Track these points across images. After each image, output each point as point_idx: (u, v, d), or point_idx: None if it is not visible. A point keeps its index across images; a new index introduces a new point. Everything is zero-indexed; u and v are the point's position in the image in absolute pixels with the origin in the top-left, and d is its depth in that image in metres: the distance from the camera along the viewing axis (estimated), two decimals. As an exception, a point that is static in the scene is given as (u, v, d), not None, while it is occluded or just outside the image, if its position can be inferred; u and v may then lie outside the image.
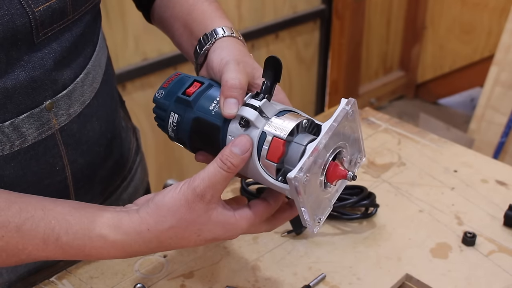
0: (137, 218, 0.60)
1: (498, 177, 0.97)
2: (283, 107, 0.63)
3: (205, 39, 0.72)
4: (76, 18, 0.67)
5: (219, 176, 0.59)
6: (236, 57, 0.67)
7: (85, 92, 0.72)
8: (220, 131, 0.63)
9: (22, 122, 0.65)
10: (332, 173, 0.60)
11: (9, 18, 0.58)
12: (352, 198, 0.86)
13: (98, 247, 0.60)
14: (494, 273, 0.79)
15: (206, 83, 0.66)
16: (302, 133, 0.61)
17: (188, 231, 0.60)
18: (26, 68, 0.62)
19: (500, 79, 2.26)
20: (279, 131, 0.59)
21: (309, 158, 0.57)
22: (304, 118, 0.61)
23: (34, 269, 0.79)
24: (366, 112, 1.16)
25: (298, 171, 0.56)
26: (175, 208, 0.59)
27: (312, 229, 0.61)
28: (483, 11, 2.66)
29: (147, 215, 0.60)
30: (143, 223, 0.60)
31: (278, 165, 0.59)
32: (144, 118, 1.96)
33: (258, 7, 2.25)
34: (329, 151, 0.59)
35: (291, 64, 2.49)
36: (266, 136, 0.60)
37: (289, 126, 0.59)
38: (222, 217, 0.60)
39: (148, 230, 0.59)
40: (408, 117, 2.93)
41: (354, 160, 0.65)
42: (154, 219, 0.59)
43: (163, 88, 0.67)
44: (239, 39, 0.73)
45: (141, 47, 1.91)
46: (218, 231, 0.61)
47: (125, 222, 0.60)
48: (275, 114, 0.61)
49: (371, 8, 2.73)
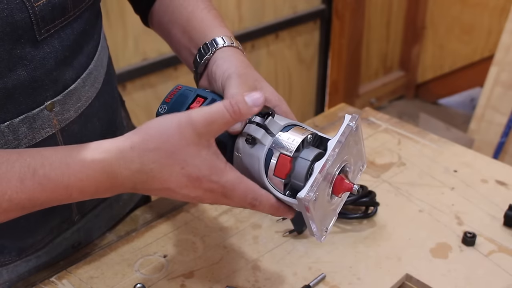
0: (122, 137, 0.58)
1: (498, 177, 0.97)
2: (287, 122, 0.63)
3: (205, 48, 0.72)
4: (77, 14, 0.67)
5: (220, 115, 0.57)
6: (238, 70, 0.67)
7: (86, 92, 0.72)
8: (227, 148, 0.63)
9: (22, 122, 0.65)
10: (339, 186, 0.61)
11: (9, 13, 0.58)
12: (352, 196, 0.86)
13: (77, 171, 0.57)
14: (494, 273, 0.79)
15: (209, 98, 0.66)
16: (307, 148, 0.62)
17: (172, 158, 0.57)
18: (28, 68, 0.62)
19: (500, 79, 2.26)
20: (286, 148, 0.61)
21: (318, 177, 0.58)
22: (309, 133, 0.62)
23: (34, 269, 0.79)
24: (366, 112, 1.16)
25: (308, 191, 0.57)
26: (164, 129, 0.57)
27: (319, 239, 0.63)
28: (483, 11, 2.66)
29: (133, 134, 0.58)
30: (127, 140, 0.57)
31: (285, 181, 0.61)
32: (144, 118, 1.96)
33: (258, 7, 2.25)
34: (336, 166, 0.61)
35: (291, 64, 2.49)
36: (273, 153, 0.61)
37: (295, 142, 0.61)
38: (211, 158, 0.58)
39: (131, 148, 0.57)
40: (408, 117, 2.93)
41: (357, 168, 0.66)
42: (140, 137, 0.57)
43: (166, 103, 0.67)
44: (239, 48, 0.73)
45: (141, 47, 1.91)
46: (204, 170, 0.58)
47: (107, 142, 0.58)
48: (280, 130, 0.62)
49: (371, 8, 2.73)
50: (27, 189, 0.56)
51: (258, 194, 0.61)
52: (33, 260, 0.79)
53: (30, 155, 0.57)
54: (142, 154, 0.57)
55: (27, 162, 0.56)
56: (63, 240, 0.81)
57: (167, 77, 1.99)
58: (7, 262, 0.76)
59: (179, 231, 0.86)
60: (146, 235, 0.85)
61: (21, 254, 0.77)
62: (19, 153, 0.57)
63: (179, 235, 0.85)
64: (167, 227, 0.87)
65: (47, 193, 0.57)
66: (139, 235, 0.85)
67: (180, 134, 0.57)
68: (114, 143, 0.57)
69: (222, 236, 0.85)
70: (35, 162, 0.56)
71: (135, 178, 0.58)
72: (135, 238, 0.85)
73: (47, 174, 0.56)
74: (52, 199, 0.58)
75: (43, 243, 0.79)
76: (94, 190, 0.58)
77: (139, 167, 0.57)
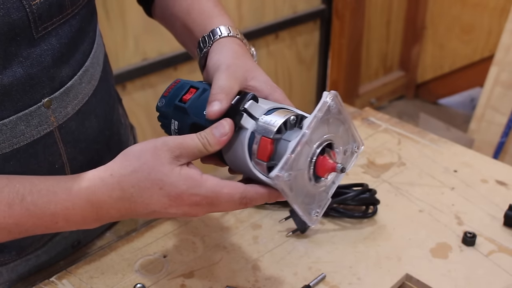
0: (103, 167, 0.60)
1: (498, 177, 0.97)
2: (272, 105, 0.63)
3: (203, 41, 0.72)
4: (75, 12, 0.67)
5: (194, 143, 0.59)
6: (228, 61, 0.67)
7: (83, 89, 0.72)
8: None
9: (20, 120, 0.65)
10: (321, 166, 0.60)
11: (5, 12, 0.58)
12: (352, 192, 0.86)
13: (63, 200, 0.58)
14: (494, 273, 0.79)
15: (201, 88, 0.67)
16: (291, 130, 0.61)
17: (149, 179, 0.58)
18: (24, 65, 0.62)
19: (500, 79, 2.26)
20: (267, 130, 0.60)
21: (290, 155, 0.57)
22: (292, 114, 0.61)
23: (34, 269, 0.79)
24: (366, 112, 1.16)
25: (279, 170, 0.56)
26: (141, 154, 0.58)
27: (310, 223, 0.62)
28: (483, 11, 2.66)
29: (113, 162, 0.59)
30: (107, 169, 0.59)
31: (268, 163, 0.60)
32: (144, 118, 1.96)
33: (258, 7, 2.25)
34: (315, 145, 0.59)
35: (291, 64, 2.49)
36: (255, 136, 0.60)
37: (276, 124, 0.60)
38: (186, 172, 0.59)
39: (111, 175, 0.58)
40: (408, 117, 2.93)
41: (350, 150, 0.64)
42: (118, 164, 0.59)
43: (164, 97, 0.69)
44: (237, 37, 0.72)
45: (141, 47, 1.91)
46: (181, 185, 0.58)
47: (90, 172, 0.60)
48: (263, 113, 0.62)
49: (371, 8, 2.73)
50: (14, 214, 0.58)
51: (244, 191, 0.60)
52: (32, 259, 0.79)
53: (20, 181, 0.59)
54: (121, 179, 0.58)
55: (16, 188, 0.58)
56: (62, 239, 0.81)
57: (167, 77, 1.99)
58: (7, 261, 0.76)
59: (179, 231, 0.86)
60: (146, 235, 0.85)
61: (21, 253, 0.77)
62: (9, 178, 0.59)
63: (179, 235, 0.85)
64: (167, 227, 0.87)
65: (34, 219, 0.59)
66: (139, 235, 0.85)
67: (156, 155, 0.58)
68: (96, 172, 0.60)
69: (222, 236, 0.85)
70: (24, 189, 0.58)
71: (119, 205, 0.59)
72: (135, 238, 0.85)
73: (34, 200, 0.58)
74: (39, 225, 0.60)
75: (43, 241, 0.79)
76: (80, 219, 0.60)
77: (120, 194, 0.58)
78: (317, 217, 0.62)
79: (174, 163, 0.58)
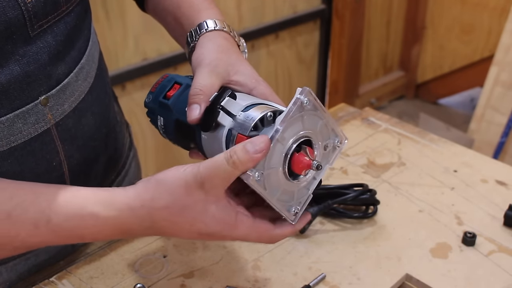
0: (133, 193, 0.58)
1: (498, 177, 0.97)
2: (251, 101, 0.62)
3: (191, 35, 0.72)
4: (70, 9, 0.67)
5: (222, 168, 0.56)
6: (210, 56, 0.67)
7: (79, 86, 0.72)
8: (196, 131, 0.64)
9: (17, 117, 0.65)
10: (296, 164, 0.59)
11: (1, 11, 0.58)
12: (352, 193, 0.86)
13: (91, 226, 0.58)
14: (494, 273, 0.79)
15: (184, 84, 0.67)
16: (268, 126, 0.60)
17: (182, 216, 0.58)
18: (21, 63, 0.62)
19: (500, 79, 2.26)
20: (243, 127, 0.59)
21: None
22: (269, 110, 0.60)
23: (33, 268, 0.79)
24: (366, 112, 1.16)
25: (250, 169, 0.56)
26: (173, 188, 0.57)
27: (290, 220, 0.61)
28: (483, 11, 2.66)
29: (144, 190, 0.58)
30: (137, 198, 0.58)
31: None
32: (144, 118, 1.94)
33: (258, 7, 2.25)
34: (289, 142, 0.58)
35: (291, 64, 2.49)
36: (231, 133, 0.60)
37: (251, 121, 0.59)
38: (220, 214, 0.58)
39: (142, 206, 0.58)
40: (408, 117, 2.93)
41: (332, 145, 0.63)
42: (150, 194, 0.58)
43: (151, 93, 0.70)
44: (224, 30, 0.72)
45: (141, 47, 1.91)
46: (213, 226, 0.58)
47: (119, 198, 0.59)
48: (241, 110, 0.61)
49: (371, 8, 2.73)
50: (40, 234, 0.58)
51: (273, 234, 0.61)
52: (32, 258, 0.78)
53: (46, 199, 0.59)
54: (152, 212, 0.58)
55: (42, 207, 0.58)
56: (62, 238, 0.81)
57: (157, 80, 1.99)
58: (6, 260, 0.76)
59: (179, 231, 0.86)
60: (146, 235, 0.85)
61: (21, 253, 0.77)
62: (35, 193, 0.59)
63: (179, 235, 0.85)
64: (167, 227, 0.87)
65: (60, 239, 0.60)
66: (139, 235, 0.85)
67: (188, 193, 0.57)
68: (125, 200, 0.58)
69: (222, 236, 0.85)
70: (49, 210, 0.58)
71: (148, 232, 0.60)
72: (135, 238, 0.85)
73: (61, 224, 0.58)
74: (63, 242, 0.62)
75: (42, 240, 0.79)
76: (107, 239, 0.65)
77: (150, 225, 0.59)
78: (298, 214, 0.61)
79: (207, 202, 0.57)
